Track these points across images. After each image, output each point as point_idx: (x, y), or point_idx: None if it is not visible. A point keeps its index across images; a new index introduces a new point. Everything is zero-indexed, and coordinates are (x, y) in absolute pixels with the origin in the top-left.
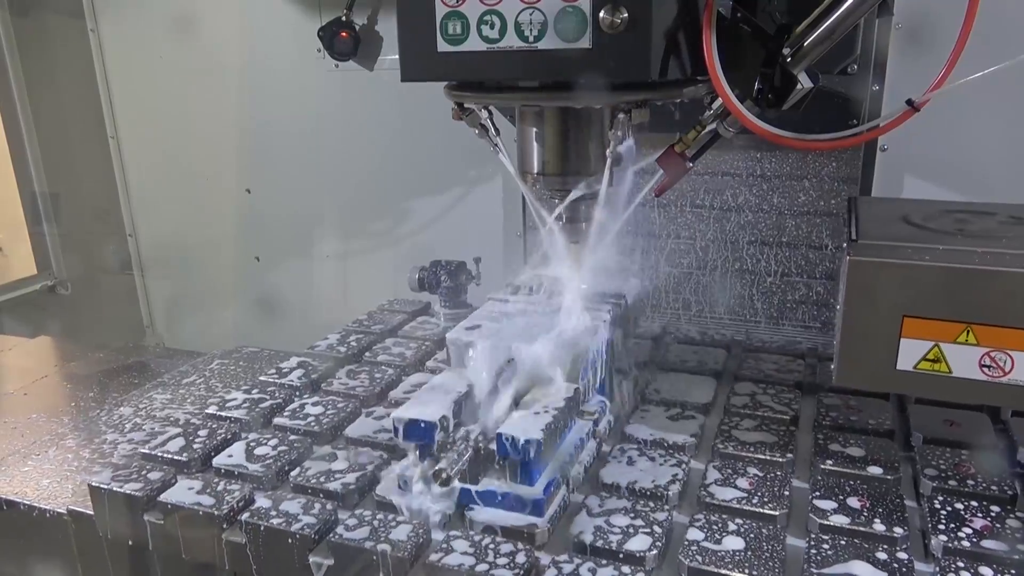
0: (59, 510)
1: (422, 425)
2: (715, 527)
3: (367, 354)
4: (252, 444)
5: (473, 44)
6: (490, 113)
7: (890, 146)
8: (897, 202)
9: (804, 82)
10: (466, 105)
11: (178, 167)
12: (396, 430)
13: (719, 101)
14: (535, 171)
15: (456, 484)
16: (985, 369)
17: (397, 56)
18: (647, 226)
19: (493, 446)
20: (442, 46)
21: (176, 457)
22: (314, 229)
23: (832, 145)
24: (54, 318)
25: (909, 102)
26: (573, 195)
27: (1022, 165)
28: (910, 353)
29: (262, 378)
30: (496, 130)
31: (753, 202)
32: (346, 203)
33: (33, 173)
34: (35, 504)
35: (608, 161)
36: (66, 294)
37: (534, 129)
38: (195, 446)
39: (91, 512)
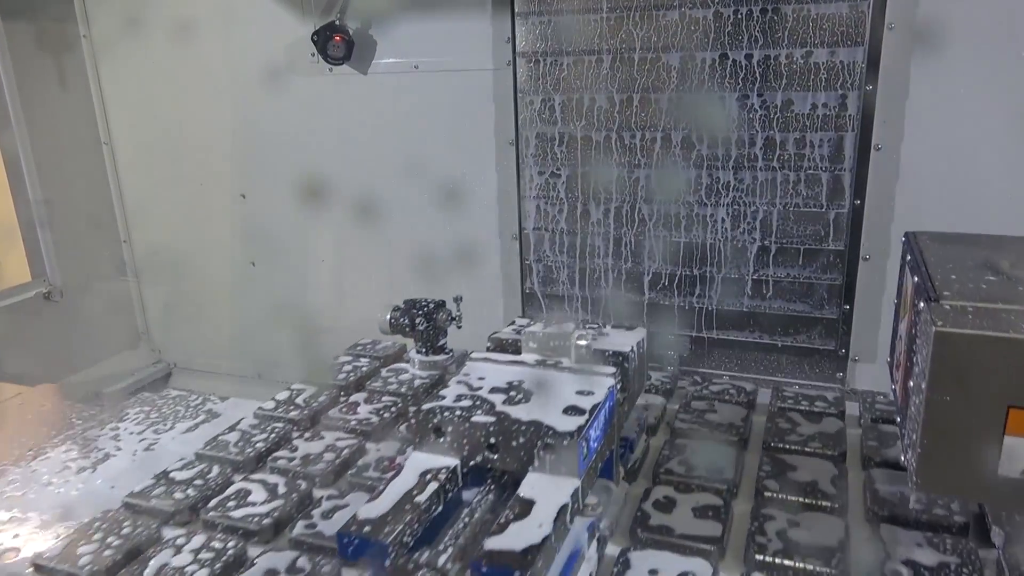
0: None
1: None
2: None
3: (324, 417)
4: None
5: None
6: None
7: (884, 145)
8: (966, 239)
9: None
10: None
11: (172, 173)
12: (343, 549)
13: None
14: None
15: None
16: None
17: (391, 60)
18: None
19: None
20: None
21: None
22: (309, 234)
23: None
24: (48, 325)
25: None
26: None
27: (1016, 164)
28: (1017, 455)
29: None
30: None
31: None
32: (341, 208)
33: (27, 179)
34: None
35: None
36: (60, 301)
37: None
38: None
39: None
